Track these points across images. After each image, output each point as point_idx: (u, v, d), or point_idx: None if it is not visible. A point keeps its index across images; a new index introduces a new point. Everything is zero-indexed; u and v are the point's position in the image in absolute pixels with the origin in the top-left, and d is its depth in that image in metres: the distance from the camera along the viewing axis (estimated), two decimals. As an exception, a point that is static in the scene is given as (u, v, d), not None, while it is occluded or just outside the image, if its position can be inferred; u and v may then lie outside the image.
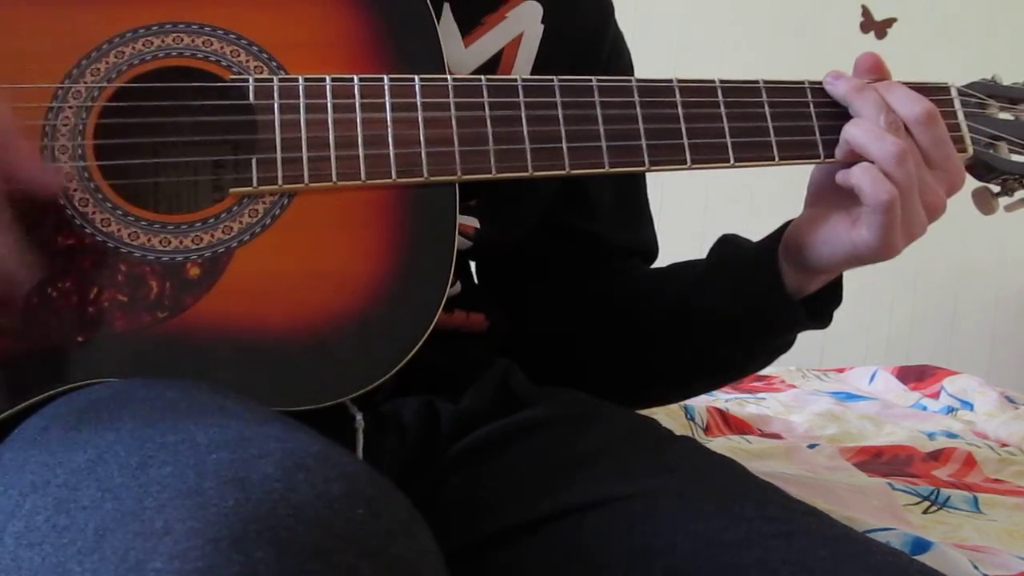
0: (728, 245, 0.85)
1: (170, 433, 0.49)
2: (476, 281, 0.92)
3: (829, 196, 0.78)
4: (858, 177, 0.73)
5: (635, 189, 0.96)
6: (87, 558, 0.43)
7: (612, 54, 0.92)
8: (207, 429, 0.49)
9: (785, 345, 0.85)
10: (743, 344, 0.84)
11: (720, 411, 1.47)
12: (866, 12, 2.61)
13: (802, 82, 0.78)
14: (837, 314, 0.83)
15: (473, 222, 0.82)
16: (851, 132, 0.75)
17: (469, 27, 0.82)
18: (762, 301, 0.80)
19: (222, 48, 0.69)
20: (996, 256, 2.68)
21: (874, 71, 0.79)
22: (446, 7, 0.80)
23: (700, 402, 1.47)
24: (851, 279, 0.83)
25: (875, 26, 2.61)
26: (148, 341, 0.63)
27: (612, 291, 0.91)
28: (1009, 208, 0.85)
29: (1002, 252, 2.67)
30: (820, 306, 0.81)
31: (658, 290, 0.90)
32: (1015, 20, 2.63)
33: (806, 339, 0.85)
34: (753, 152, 0.76)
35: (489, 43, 0.83)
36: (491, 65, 0.82)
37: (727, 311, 0.82)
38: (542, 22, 0.85)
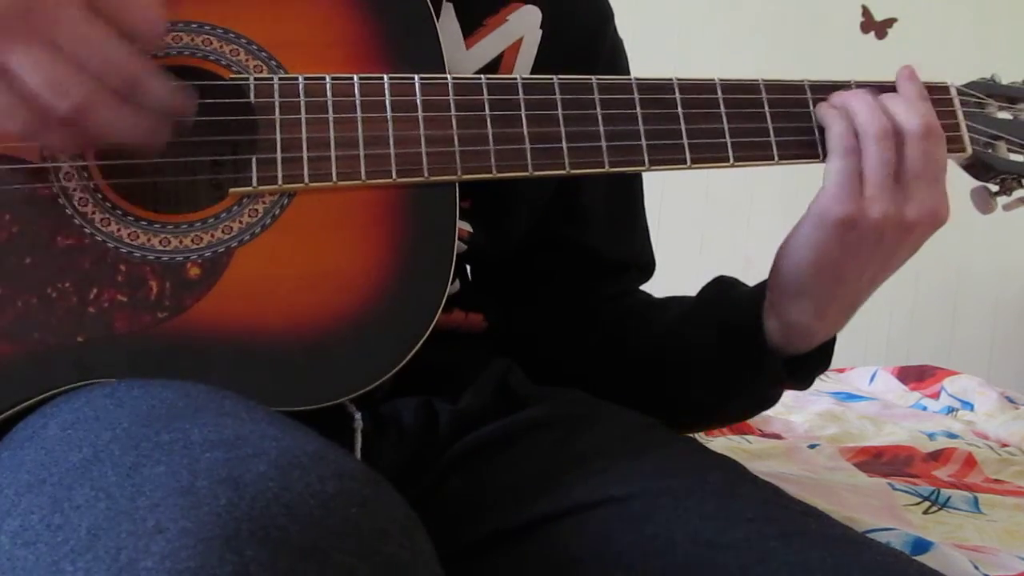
0: (718, 286, 0.85)
1: (165, 432, 0.49)
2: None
3: None
4: (832, 117, 0.75)
5: (630, 200, 0.95)
6: (80, 557, 0.43)
7: (610, 60, 0.92)
8: (202, 428, 0.49)
9: (763, 398, 0.85)
10: (718, 385, 0.84)
11: (720, 411, 1.47)
12: (866, 12, 2.61)
13: (802, 81, 0.78)
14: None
15: (466, 226, 0.81)
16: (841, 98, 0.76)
17: (471, 28, 0.82)
18: (738, 343, 0.80)
19: (221, 47, 0.68)
20: (996, 257, 2.67)
21: None
22: (449, 7, 0.80)
23: (700, 402, 1.47)
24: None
25: (875, 26, 2.61)
26: (148, 342, 0.63)
27: (599, 314, 0.91)
28: (1007, 207, 0.85)
29: (1002, 253, 2.67)
30: (803, 366, 0.82)
31: (645, 321, 0.89)
32: (1015, 20, 2.62)
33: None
34: (753, 151, 0.76)
35: (490, 46, 0.83)
36: (491, 68, 0.82)
37: (703, 348, 0.82)
38: (540, 27, 0.85)
